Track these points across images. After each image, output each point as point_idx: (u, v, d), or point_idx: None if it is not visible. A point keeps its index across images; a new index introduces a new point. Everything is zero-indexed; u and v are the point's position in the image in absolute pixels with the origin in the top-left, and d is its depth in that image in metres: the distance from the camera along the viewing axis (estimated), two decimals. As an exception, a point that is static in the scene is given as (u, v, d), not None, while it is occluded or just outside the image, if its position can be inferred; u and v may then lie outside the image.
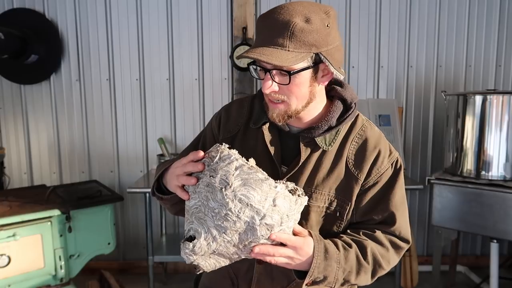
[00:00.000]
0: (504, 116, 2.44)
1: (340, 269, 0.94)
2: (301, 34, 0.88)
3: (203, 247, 0.87)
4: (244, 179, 0.85)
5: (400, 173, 1.05)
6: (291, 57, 0.88)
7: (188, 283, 3.10)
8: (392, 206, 1.02)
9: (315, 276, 0.92)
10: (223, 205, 0.84)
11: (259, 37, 0.93)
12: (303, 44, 0.89)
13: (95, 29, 3.09)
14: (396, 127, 3.03)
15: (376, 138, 1.04)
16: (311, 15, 0.89)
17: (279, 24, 0.89)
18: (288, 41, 0.88)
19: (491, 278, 2.54)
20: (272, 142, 1.04)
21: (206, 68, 3.15)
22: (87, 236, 2.49)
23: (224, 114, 1.14)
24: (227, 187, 0.84)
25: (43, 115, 3.18)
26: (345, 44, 3.13)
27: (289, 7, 0.90)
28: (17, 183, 3.23)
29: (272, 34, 0.89)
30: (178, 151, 3.20)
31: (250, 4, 2.99)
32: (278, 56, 0.88)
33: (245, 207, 0.83)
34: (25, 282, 2.28)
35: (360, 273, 0.98)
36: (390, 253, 1.02)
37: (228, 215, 0.84)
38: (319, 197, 1.00)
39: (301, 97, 0.96)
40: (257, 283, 1.05)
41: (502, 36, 3.15)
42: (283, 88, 0.94)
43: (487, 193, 2.42)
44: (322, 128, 1.00)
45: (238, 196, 0.83)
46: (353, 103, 1.03)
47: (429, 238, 3.35)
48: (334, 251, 0.94)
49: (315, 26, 0.89)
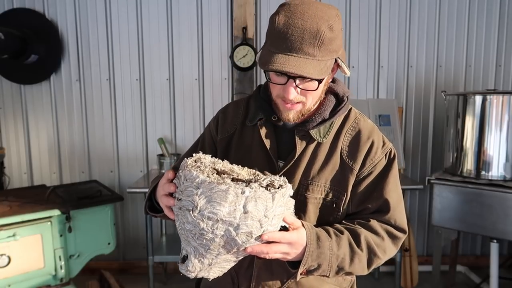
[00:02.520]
0: (504, 116, 2.44)
1: (333, 256, 0.94)
2: (329, 42, 0.91)
3: (196, 265, 0.89)
4: (208, 196, 0.82)
5: (394, 163, 1.06)
6: (322, 66, 0.91)
7: (188, 283, 3.08)
8: (386, 193, 1.03)
9: (308, 264, 0.92)
10: (196, 226, 0.84)
11: (282, 42, 0.90)
12: (329, 52, 0.92)
13: (95, 29, 3.09)
14: (396, 127, 3.03)
15: (369, 130, 1.06)
16: (332, 22, 0.91)
17: (307, 32, 0.88)
18: (317, 50, 0.90)
19: (491, 278, 2.54)
20: (267, 137, 1.06)
21: (206, 68, 3.15)
22: (87, 236, 2.49)
23: (222, 115, 1.17)
24: (194, 209, 0.83)
25: (43, 115, 3.18)
26: (345, 44, 3.13)
27: (310, 13, 0.90)
28: (17, 183, 3.23)
29: (301, 42, 0.89)
30: (178, 151, 3.20)
31: (250, 4, 2.99)
32: (311, 68, 0.89)
33: (216, 223, 0.82)
34: (25, 282, 2.28)
35: (354, 261, 0.97)
36: (385, 242, 1.02)
37: (203, 234, 0.84)
38: (316, 189, 1.02)
39: (317, 97, 1.01)
40: (257, 278, 1.05)
41: (502, 36, 3.15)
42: (303, 91, 0.97)
43: (487, 193, 2.42)
44: (316, 120, 1.03)
45: (206, 215, 0.82)
46: (345, 97, 1.07)
47: (429, 238, 3.35)
48: (326, 238, 0.94)
49: (336, 33, 0.92)
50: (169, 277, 3.22)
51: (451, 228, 2.62)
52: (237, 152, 1.10)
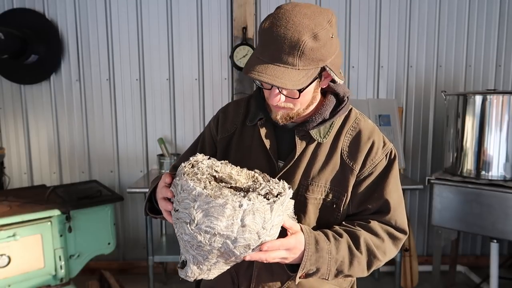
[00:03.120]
0: (504, 116, 2.44)
1: (332, 259, 0.94)
2: (311, 52, 0.89)
3: (195, 271, 0.90)
4: (205, 209, 0.81)
5: (394, 164, 1.06)
6: (301, 76, 0.90)
7: (188, 283, 3.09)
8: (386, 194, 1.03)
9: (307, 268, 0.92)
10: (194, 238, 0.84)
11: (265, 50, 0.91)
12: (311, 61, 0.90)
13: (95, 29, 3.09)
14: (396, 127, 3.03)
15: (370, 130, 1.06)
16: (318, 31, 0.89)
17: (287, 41, 0.88)
18: (297, 60, 0.89)
19: (491, 278, 2.54)
20: (267, 137, 1.06)
21: (206, 68, 3.15)
22: (87, 236, 2.49)
23: (222, 115, 1.17)
24: (191, 222, 0.83)
25: (43, 115, 3.18)
26: (345, 44, 3.14)
27: (295, 20, 0.89)
28: (17, 183, 3.23)
29: (280, 50, 0.89)
30: (178, 151, 3.20)
31: (250, 4, 2.99)
32: (289, 78, 0.89)
33: (214, 236, 0.82)
34: (25, 282, 2.28)
35: (353, 263, 0.97)
36: (386, 244, 1.02)
37: (201, 246, 0.84)
38: (316, 189, 1.02)
39: (305, 103, 1.00)
40: (257, 279, 1.05)
41: (502, 36, 3.15)
42: (289, 98, 0.97)
43: (487, 193, 2.42)
44: (316, 121, 1.03)
45: (203, 229, 0.82)
46: (345, 97, 1.06)
47: (429, 238, 3.35)
48: (324, 242, 0.94)
49: (322, 42, 0.90)
50: (169, 277, 3.22)
51: (451, 228, 2.62)
52: (237, 152, 1.10)
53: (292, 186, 1.00)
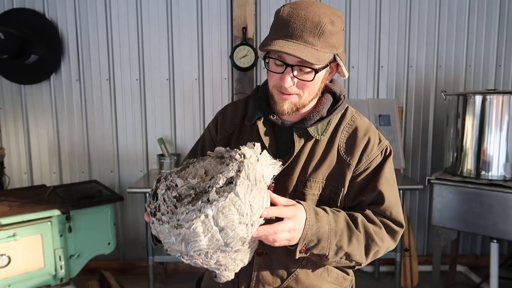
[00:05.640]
0: (504, 116, 2.44)
1: (331, 231, 0.94)
2: (329, 35, 0.94)
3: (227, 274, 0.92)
4: (183, 239, 0.81)
5: (389, 159, 1.08)
6: (320, 56, 0.94)
7: (188, 283, 3.10)
8: (380, 185, 1.04)
9: (308, 239, 0.92)
10: (195, 263, 0.87)
11: (284, 30, 0.94)
12: (328, 45, 0.95)
13: (95, 29, 3.09)
14: (396, 127, 3.04)
15: (366, 127, 1.09)
16: (334, 18, 0.95)
17: (308, 22, 0.92)
18: (317, 40, 0.93)
19: (491, 278, 2.54)
20: (266, 135, 1.08)
21: (206, 68, 3.15)
22: (87, 236, 2.49)
23: (221, 116, 1.19)
24: (182, 255, 0.84)
25: (43, 115, 3.18)
26: (345, 44, 3.14)
27: (314, 6, 0.95)
28: (17, 183, 3.23)
29: (302, 30, 0.92)
30: (178, 151, 3.20)
31: (250, 4, 2.99)
32: (309, 54, 0.92)
33: (206, 254, 0.83)
34: (25, 282, 2.28)
35: (352, 240, 0.97)
36: (383, 232, 1.02)
37: (206, 264, 0.87)
38: (314, 185, 1.03)
39: (313, 92, 1.02)
40: (257, 277, 1.06)
41: (502, 36, 3.15)
42: (300, 83, 0.99)
43: (487, 193, 2.42)
44: (314, 118, 1.05)
45: (193, 255, 0.83)
46: (342, 95, 1.09)
47: (429, 238, 3.35)
48: (323, 213, 0.95)
49: (337, 29, 0.96)
50: (169, 277, 3.22)
51: (451, 228, 2.62)
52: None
53: (291, 182, 1.03)
